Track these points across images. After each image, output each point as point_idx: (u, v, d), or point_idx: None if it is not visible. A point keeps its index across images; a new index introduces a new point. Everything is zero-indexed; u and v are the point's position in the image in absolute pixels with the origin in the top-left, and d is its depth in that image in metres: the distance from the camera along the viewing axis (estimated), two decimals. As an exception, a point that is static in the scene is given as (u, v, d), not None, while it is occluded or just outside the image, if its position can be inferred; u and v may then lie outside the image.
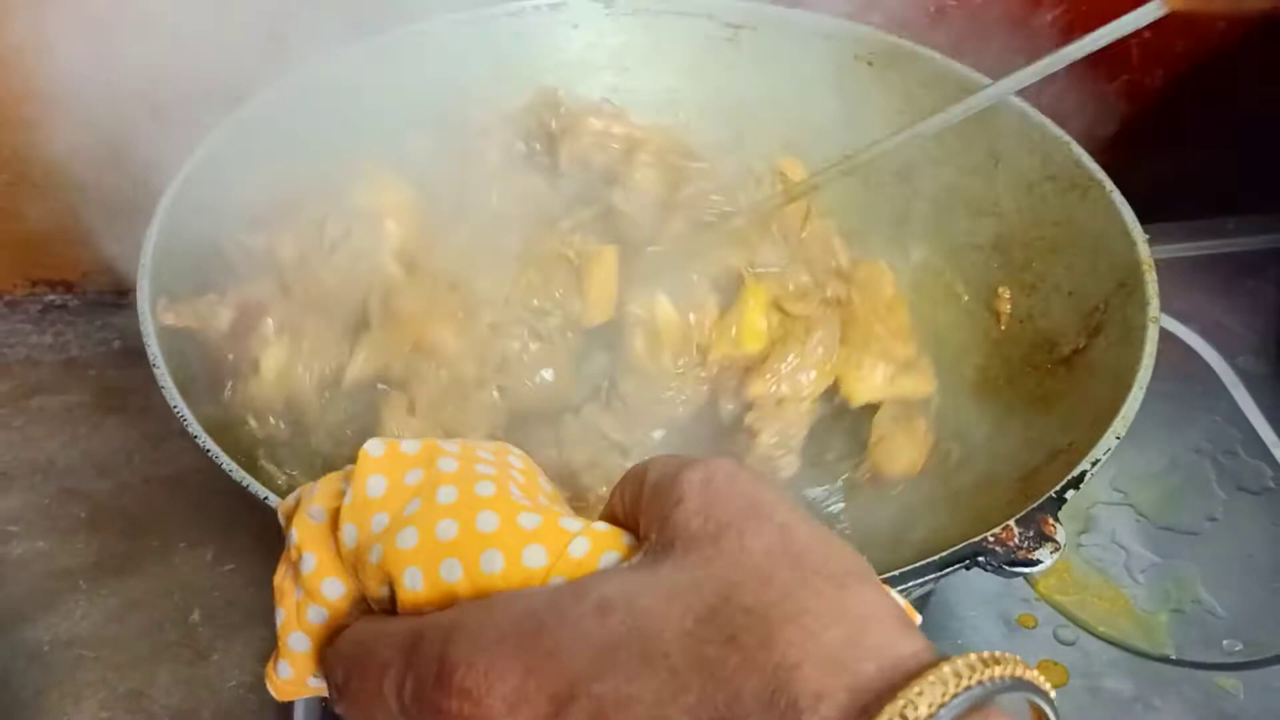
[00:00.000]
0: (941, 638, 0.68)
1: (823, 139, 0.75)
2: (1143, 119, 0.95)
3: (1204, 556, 0.73)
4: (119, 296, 0.97)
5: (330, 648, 0.33)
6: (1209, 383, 0.83)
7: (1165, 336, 0.85)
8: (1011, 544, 0.46)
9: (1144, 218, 0.74)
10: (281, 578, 0.35)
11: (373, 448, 0.34)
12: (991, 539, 0.47)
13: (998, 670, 0.27)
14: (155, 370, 0.53)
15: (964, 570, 0.47)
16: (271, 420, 0.62)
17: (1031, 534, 0.47)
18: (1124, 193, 0.65)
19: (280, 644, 0.35)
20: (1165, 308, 0.85)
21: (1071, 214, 0.66)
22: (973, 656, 0.27)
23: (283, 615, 0.34)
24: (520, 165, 0.69)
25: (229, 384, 0.61)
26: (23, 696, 0.71)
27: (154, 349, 0.54)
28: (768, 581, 0.28)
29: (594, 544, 0.32)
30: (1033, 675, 0.28)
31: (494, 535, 0.31)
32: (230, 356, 0.61)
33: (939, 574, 0.46)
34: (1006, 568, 0.46)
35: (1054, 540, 0.47)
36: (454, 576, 0.31)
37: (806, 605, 0.27)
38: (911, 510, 0.62)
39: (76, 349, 0.94)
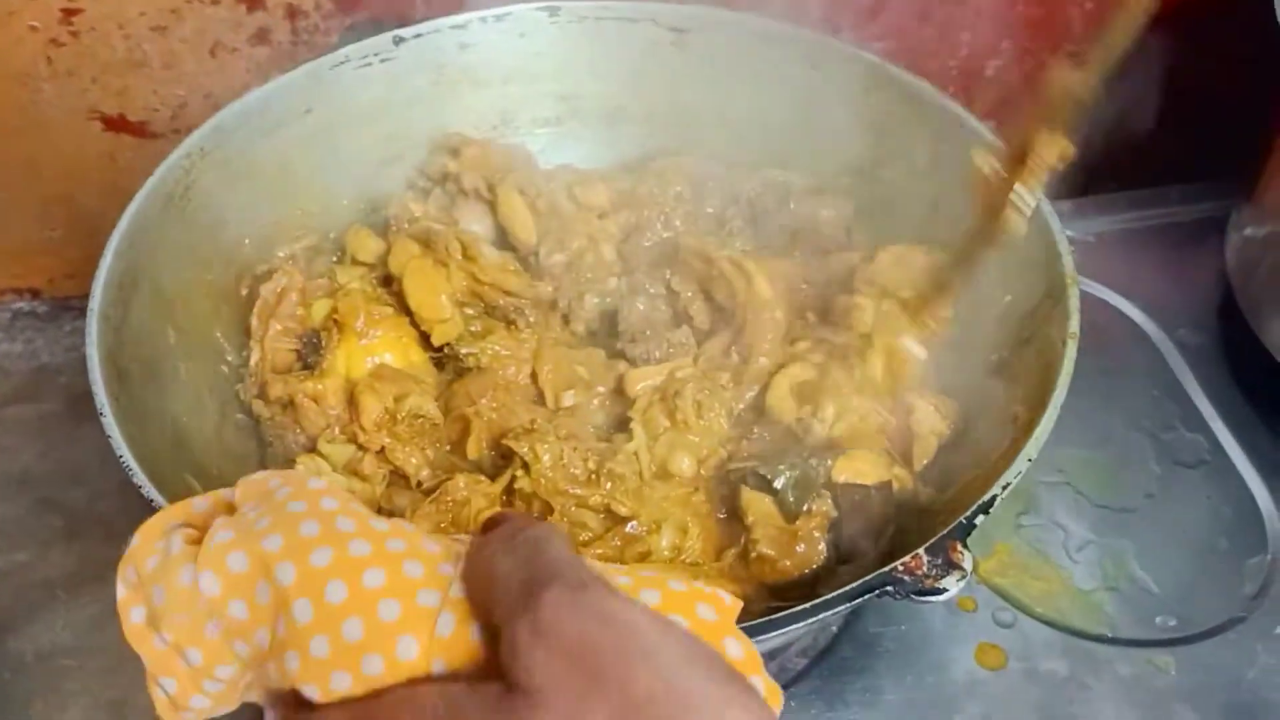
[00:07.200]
0: (885, 623, 0.71)
1: (771, 140, 0.77)
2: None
3: (1140, 533, 0.74)
4: (86, 301, 0.97)
5: None
6: (1148, 356, 0.84)
7: (1106, 309, 0.86)
8: (920, 573, 0.48)
9: (1085, 189, 0.74)
10: (158, 653, 0.38)
11: (207, 586, 0.36)
12: (901, 568, 0.48)
13: None
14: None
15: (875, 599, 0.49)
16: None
17: (939, 562, 0.48)
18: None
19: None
20: (1106, 280, 0.87)
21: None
22: None
23: (175, 686, 0.38)
24: None
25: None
26: (7, 708, 0.73)
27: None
28: None
29: (459, 617, 0.35)
30: None
31: (364, 643, 0.34)
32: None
33: (851, 604, 0.48)
34: (914, 597, 0.48)
35: (961, 568, 0.48)
36: (345, 686, 0.34)
37: None
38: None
39: (47, 355, 0.95)
